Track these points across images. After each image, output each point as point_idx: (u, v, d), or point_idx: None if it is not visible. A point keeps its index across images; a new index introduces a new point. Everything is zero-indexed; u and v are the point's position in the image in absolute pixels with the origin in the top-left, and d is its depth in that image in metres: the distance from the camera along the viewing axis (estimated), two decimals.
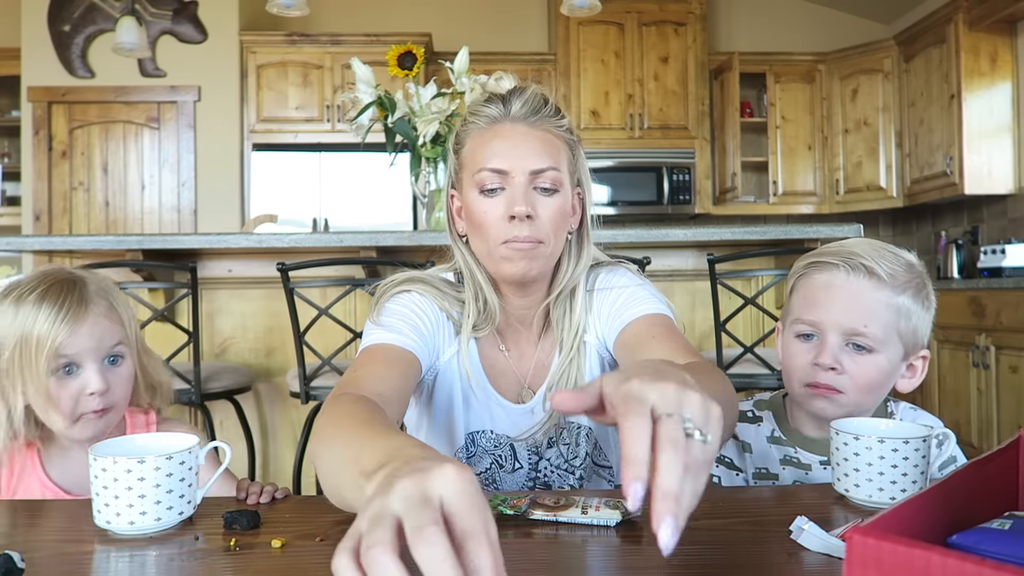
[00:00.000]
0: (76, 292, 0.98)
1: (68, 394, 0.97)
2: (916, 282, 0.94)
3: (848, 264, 0.93)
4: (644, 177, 4.74)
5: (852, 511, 0.81)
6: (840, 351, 0.93)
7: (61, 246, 2.18)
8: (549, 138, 1.00)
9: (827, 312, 0.94)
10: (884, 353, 0.92)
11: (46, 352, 0.95)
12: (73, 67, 4.34)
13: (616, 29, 4.78)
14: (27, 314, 0.95)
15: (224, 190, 4.42)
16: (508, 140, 0.99)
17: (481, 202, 0.99)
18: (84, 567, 0.69)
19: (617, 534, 0.76)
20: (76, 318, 0.97)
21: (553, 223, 0.99)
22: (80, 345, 0.97)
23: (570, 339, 1.06)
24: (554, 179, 0.99)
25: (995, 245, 3.97)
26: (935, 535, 0.53)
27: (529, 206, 0.96)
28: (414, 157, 2.31)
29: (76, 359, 0.97)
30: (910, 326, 0.93)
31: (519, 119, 1.00)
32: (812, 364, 0.95)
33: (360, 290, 2.04)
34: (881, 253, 0.93)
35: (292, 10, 3.02)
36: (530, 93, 1.01)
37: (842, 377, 0.93)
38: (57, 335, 0.95)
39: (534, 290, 1.06)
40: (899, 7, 4.98)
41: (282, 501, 0.89)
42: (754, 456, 1.03)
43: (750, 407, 1.07)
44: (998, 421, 3.43)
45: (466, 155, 1.03)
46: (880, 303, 0.92)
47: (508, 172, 0.97)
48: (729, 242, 2.18)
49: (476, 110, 1.03)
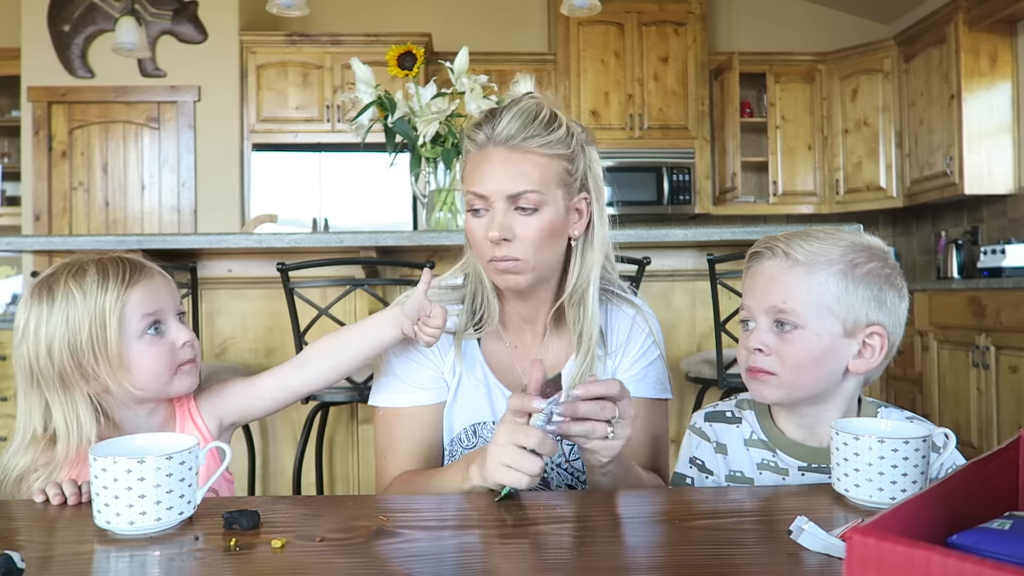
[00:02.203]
0: (130, 260, 1.00)
1: (163, 351, 0.98)
2: (850, 260, 0.94)
3: (770, 250, 0.97)
4: (644, 177, 4.74)
5: (852, 511, 0.81)
6: (767, 332, 0.95)
7: (61, 246, 2.18)
8: (532, 159, 1.03)
9: (752, 296, 0.98)
10: (811, 328, 0.93)
11: (134, 316, 0.96)
12: (73, 67, 4.34)
13: (616, 29, 4.78)
14: (95, 290, 0.95)
15: (224, 190, 4.42)
16: (491, 166, 1.04)
17: (471, 221, 1.06)
18: (84, 567, 0.69)
19: (618, 534, 0.76)
20: (146, 277, 0.99)
21: (533, 241, 1.03)
22: (161, 301, 0.99)
23: (586, 342, 1.09)
24: (535, 200, 1.02)
25: (995, 245, 3.97)
26: (935, 535, 0.53)
27: (506, 229, 1.01)
28: (414, 157, 2.31)
29: (160, 315, 0.99)
30: (844, 302, 0.92)
31: (501, 143, 1.03)
32: (744, 348, 0.98)
33: (360, 290, 2.04)
34: (807, 239, 0.96)
35: (292, 10, 3.02)
36: (517, 110, 1.03)
37: (771, 358, 0.94)
38: (136, 296, 0.96)
39: (534, 295, 1.10)
40: (899, 7, 4.98)
41: (282, 501, 0.89)
42: (729, 458, 1.02)
43: (731, 407, 1.06)
44: (998, 421, 3.43)
45: (464, 174, 1.10)
46: (798, 279, 0.94)
47: (487, 196, 1.03)
48: (729, 242, 2.18)
49: (469, 133, 1.08)
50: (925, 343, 3.95)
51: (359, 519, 0.79)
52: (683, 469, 1.05)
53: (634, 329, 1.16)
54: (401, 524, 0.78)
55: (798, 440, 0.99)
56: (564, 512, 0.83)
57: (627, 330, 1.15)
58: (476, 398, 1.10)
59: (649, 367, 1.16)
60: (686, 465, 1.05)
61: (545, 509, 0.83)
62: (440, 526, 0.79)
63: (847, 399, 0.98)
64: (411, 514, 0.83)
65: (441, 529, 0.78)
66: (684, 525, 0.78)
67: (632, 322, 1.16)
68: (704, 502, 0.87)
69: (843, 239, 0.96)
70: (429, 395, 1.10)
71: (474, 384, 1.10)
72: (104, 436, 0.98)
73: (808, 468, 0.97)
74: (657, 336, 1.17)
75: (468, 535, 0.76)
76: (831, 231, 0.97)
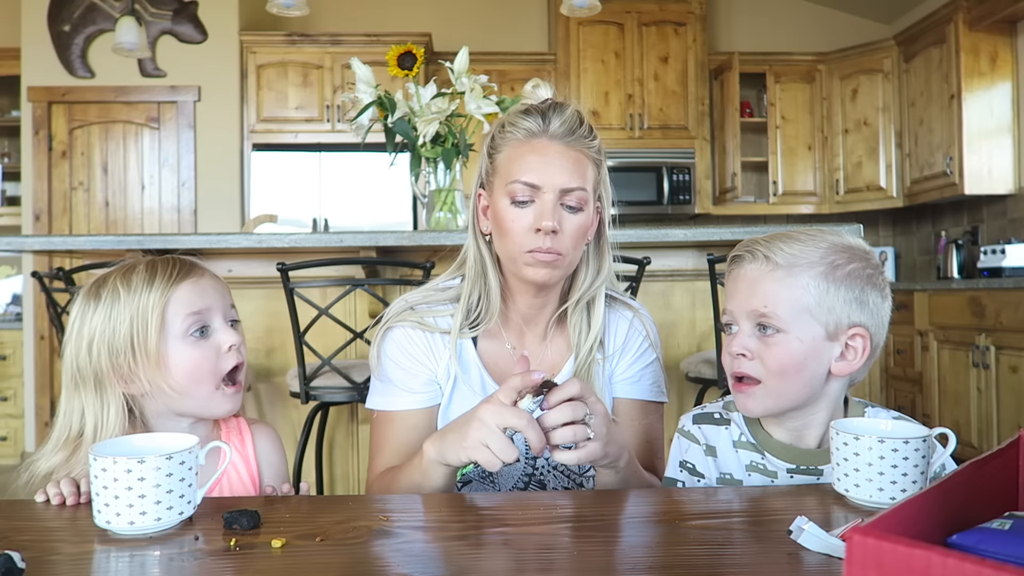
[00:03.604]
0: (181, 259, 0.98)
1: (206, 355, 0.95)
2: (830, 262, 0.92)
3: (751, 254, 0.96)
4: (644, 177, 4.74)
5: (852, 511, 0.81)
6: (749, 337, 0.94)
7: (61, 246, 2.18)
8: (581, 158, 1.06)
9: (735, 301, 0.97)
10: (793, 333, 0.92)
11: (178, 314, 0.93)
12: (73, 67, 4.34)
13: (616, 29, 4.78)
14: (140, 287, 0.93)
15: (224, 190, 4.42)
16: (543, 156, 1.04)
17: (511, 211, 1.05)
18: (84, 567, 0.69)
19: (616, 534, 0.76)
20: (195, 275, 0.97)
21: (574, 238, 1.05)
22: (208, 300, 0.96)
23: (586, 347, 1.11)
24: (580, 198, 1.05)
25: (995, 245, 3.97)
26: (935, 535, 0.53)
27: (555, 221, 1.02)
28: (414, 157, 2.31)
29: (206, 316, 0.96)
30: (824, 305, 0.92)
31: (556, 137, 1.05)
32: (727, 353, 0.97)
33: (360, 290, 2.04)
34: (787, 241, 0.94)
35: (292, 10, 3.02)
36: (569, 113, 1.07)
37: (754, 363, 0.93)
38: (181, 293, 0.94)
39: (547, 294, 1.11)
40: (899, 7, 4.98)
41: (282, 501, 0.89)
42: (719, 460, 1.01)
43: (719, 409, 1.04)
44: (998, 421, 3.43)
45: (501, 162, 1.08)
46: (779, 283, 0.93)
47: (540, 187, 1.03)
48: (729, 242, 2.18)
49: (515, 121, 1.08)
50: (925, 343, 3.95)
51: (359, 519, 0.79)
52: (673, 473, 1.04)
53: (631, 331, 1.17)
54: (401, 524, 0.78)
55: (786, 443, 0.99)
56: (562, 512, 0.83)
57: (624, 332, 1.16)
58: (471, 400, 1.10)
59: (645, 369, 1.16)
60: (676, 469, 1.03)
61: (544, 509, 0.83)
62: (440, 526, 0.79)
63: (833, 401, 0.97)
64: (411, 514, 0.83)
65: (441, 529, 0.78)
66: (683, 525, 0.78)
67: (630, 325, 1.17)
68: (703, 502, 0.87)
69: (823, 240, 0.95)
70: (421, 399, 1.10)
71: (469, 386, 1.10)
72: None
73: (797, 470, 0.97)
74: (654, 339, 1.18)
75: (467, 535, 0.76)
76: (812, 232, 0.96)
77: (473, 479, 1.13)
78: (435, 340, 1.11)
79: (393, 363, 1.11)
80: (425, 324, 1.11)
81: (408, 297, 1.15)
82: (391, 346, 1.11)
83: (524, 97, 2.16)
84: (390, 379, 1.11)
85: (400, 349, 1.11)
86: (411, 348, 1.11)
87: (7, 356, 4.32)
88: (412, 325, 1.11)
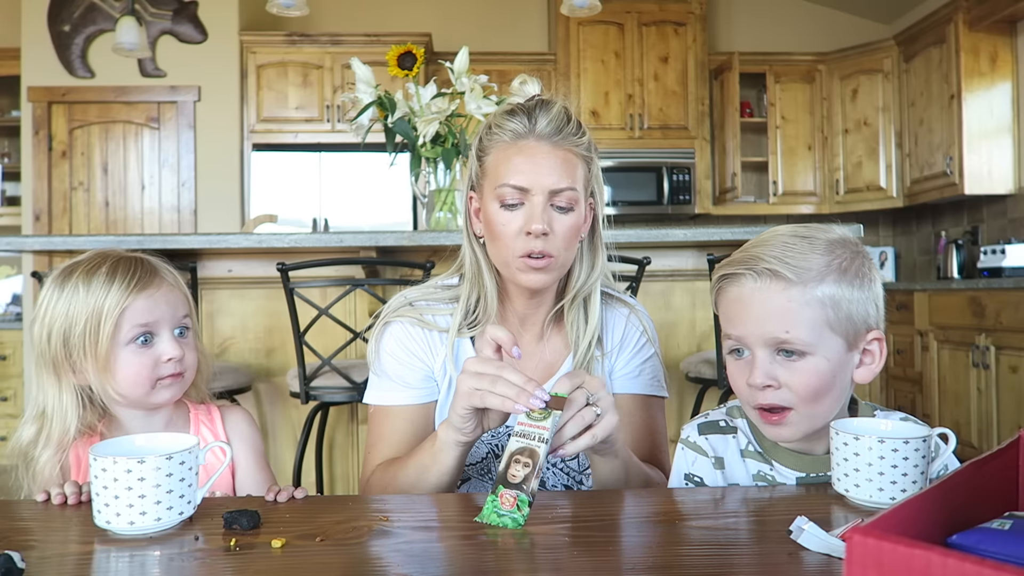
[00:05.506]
0: (144, 264, 1.01)
1: (145, 363, 0.98)
2: (838, 264, 0.86)
3: (754, 271, 0.87)
4: (644, 177, 4.74)
5: (852, 511, 0.81)
6: (771, 364, 0.87)
7: (61, 246, 2.18)
8: (569, 157, 1.04)
9: (745, 326, 0.88)
10: (820, 353, 0.85)
11: (126, 323, 0.96)
12: (73, 67, 4.34)
13: (616, 29, 4.78)
14: (99, 289, 0.96)
15: (224, 190, 4.42)
16: (531, 158, 1.03)
17: (500, 214, 1.04)
18: (84, 567, 0.69)
19: (617, 534, 0.76)
20: (152, 287, 0.99)
21: (566, 239, 1.04)
22: (157, 314, 0.99)
23: (584, 344, 1.10)
24: (570, 198, 1.04)
25: (995, 245, 3.97)
26: (935, 535, 0.53)
27: (546, 223, 1.01)
28: (414, 157, 2.31)
29: (153, 328, 0.99)
30: (842, 314, 0.85)
31: (543, 137, 1.04)
32: (748, 384, 0.88)
33: (360, 290, 2.04)
34: (787, 249, 0.86)
35: (292, 10, 3.02)
36: (556, 110, 1.05)
37: (782, 391, 0.87)
38: (135, 305, 0.97)
39: (543, 294, 1.11)
40: (899, 7, 4.98)
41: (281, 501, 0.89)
42: (727, 472, 0.96)
43: (723, 416, 0.99)
44: (998, 421, 3.43)
45: (489, 165, 1.07)
46: (796, 303, 0.85)
47: (528, 190, 1.02)
48: (729, 242, 2.18)
49: (501, 122, 1.06)
50: (925, 343, 3.95)
51: (359, 519, 0.79)
52: (677, 486, 0.98)
53: (629, 327, 1.17)
54: (401, 524, 0.78)
55: (794, 450, 0.94)
56: (563, 512, 0.83)
57: (622, 329, 1.17)
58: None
59: (644, 364, 1.16)
60: (681, 482, 0.98)
61: (544, 509, 0.83)
62: (440, 526, 0.79)
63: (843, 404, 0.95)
64: (411, 514, 0.83)
65: (441, 529, 0.78)
66: (683, 525, 0.78)
67: (626, 321, 1.17)
68: (703, 502, 0.87)
69: (817, 241, 0.88)
70: (417, 394, 1.10)
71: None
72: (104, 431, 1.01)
73: (807, 479, 0.93)
74: (651, 333, 1.18)
75: (467, 535, 0.76)
76: (802, 233, 0.89)
77: (472, 477, 1.13)
78: (433, 337, 1.11)
79: (391, 357, 1.11)
80: (424, 321, 1.11)
81: (408, 293, 1.15)
82: (389, 340, 1.11)
83: (512, 94, 2.16)
84: (387, 374, 1.11)
85: (398, 344, 1.11)
86: (409, 344, 1.11)
87: (7, 356, 4.32)
88: (411, 321, 1.11)
